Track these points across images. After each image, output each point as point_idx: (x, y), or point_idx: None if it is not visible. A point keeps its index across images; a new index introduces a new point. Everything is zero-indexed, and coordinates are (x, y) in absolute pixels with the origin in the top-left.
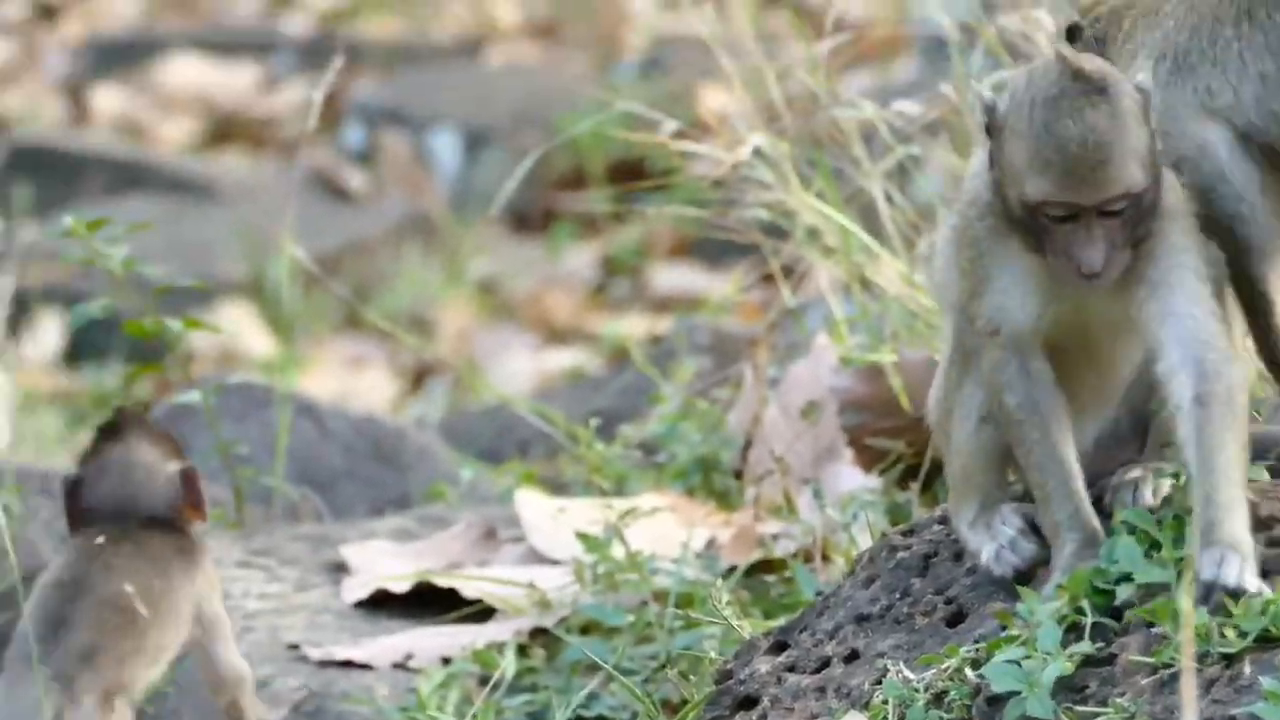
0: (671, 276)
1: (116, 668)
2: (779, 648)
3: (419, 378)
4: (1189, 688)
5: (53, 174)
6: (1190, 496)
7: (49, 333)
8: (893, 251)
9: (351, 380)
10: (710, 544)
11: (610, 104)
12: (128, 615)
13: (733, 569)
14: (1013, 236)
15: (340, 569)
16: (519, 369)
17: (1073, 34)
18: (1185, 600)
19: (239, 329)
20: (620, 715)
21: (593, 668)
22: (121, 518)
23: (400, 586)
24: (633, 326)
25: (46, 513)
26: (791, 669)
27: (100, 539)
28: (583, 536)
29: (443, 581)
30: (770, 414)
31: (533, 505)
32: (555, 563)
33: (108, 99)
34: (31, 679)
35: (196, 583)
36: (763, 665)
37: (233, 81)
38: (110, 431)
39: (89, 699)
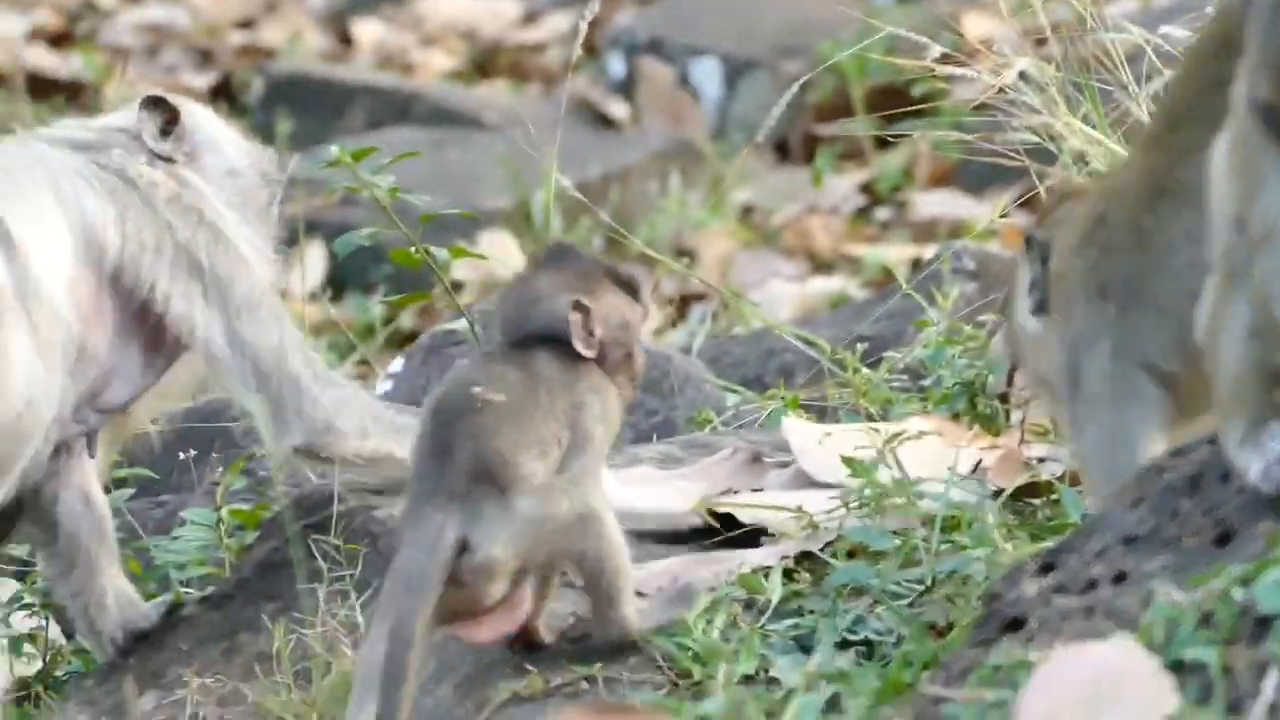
0: (935, 202)
1: (505, 468)
2: (1046, 570)
3: (682, 305)
4: None
5: (315, 105)
6: None
7: (314, 263)
8: None
9: None
10: (976, 467)
11: (873, 30)
12: (491, 416)
13: (999, 492)
14: None
15: None
16: (781, 296)
17: (1029, 243)
18: None
19: (503, 258)
20: (886, 639)
21: (859, 591)
22: (519, 339)
23: None
24: (896, 253)
25: None
26: (1059, 591)
27: (464, 360)
28: (849, 460)
29: (713, 507)
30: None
31: (800, 430)
32: (823, 486)
33: (369, 31)
34: (431, 509)
35: (574, 394)
36: (1030, 588)
37: (494, 13)
38: (535, 260)
39: (488, 506)
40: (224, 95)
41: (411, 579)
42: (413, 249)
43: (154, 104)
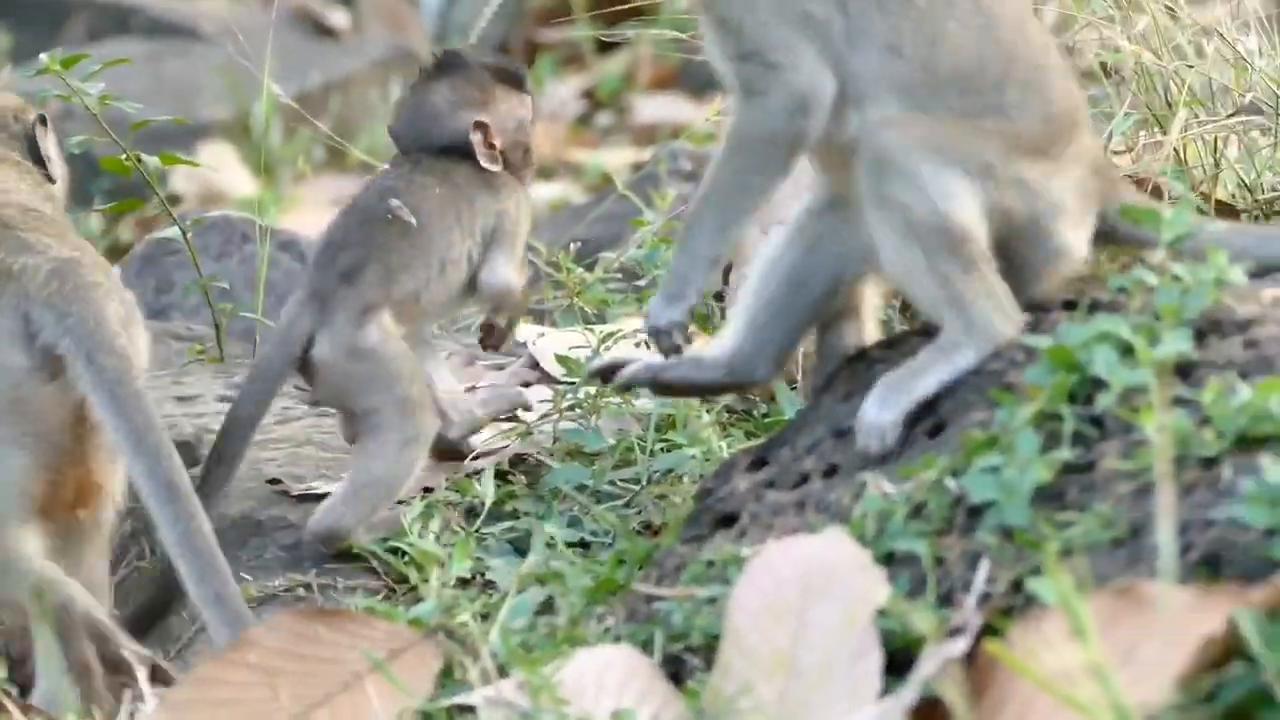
0: (656, 106)
1: (379, 285)
2: (758, 465)
3: None
4: (1166, 494)
5: (32, 19)
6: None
7: None
8: None
9: None
10: None
11: None
12: (397, 230)
13: None
14: None
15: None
16: None
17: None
18: (1158, 401)
19: (221, 169)
20: (602, 539)
21: (576, 491)
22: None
23: None
24: (617, 158)
25: None
26: (770, 485)
27: (385, 166)
28: (564, 359)
29: None
30: (751, 235)
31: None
32: (550, 381)
33: None
34: (298, 301)
35: (497, 201)
36: (742, 483)
37: None
38: (426, 72)
39: (341, 315)
40: None
41: (260, 364)
42: (124, 156)
43: None
